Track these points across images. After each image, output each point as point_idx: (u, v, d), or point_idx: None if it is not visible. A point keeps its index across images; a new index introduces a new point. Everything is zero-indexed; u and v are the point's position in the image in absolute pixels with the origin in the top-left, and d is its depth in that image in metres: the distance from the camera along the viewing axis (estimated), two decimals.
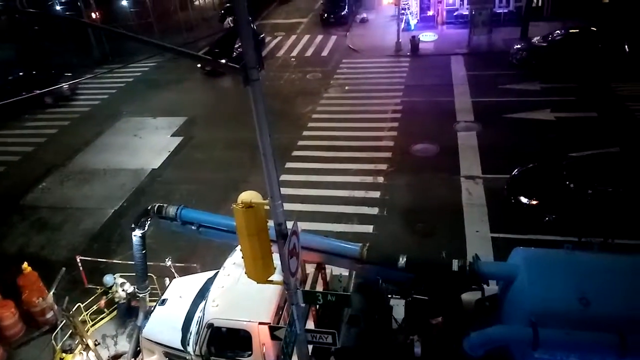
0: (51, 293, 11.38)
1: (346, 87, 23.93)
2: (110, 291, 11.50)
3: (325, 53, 29.07)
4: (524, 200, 13.38)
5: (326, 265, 9.65)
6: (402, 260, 8.44)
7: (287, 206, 6.26)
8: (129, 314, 11.36)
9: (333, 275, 10.32)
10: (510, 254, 8.26)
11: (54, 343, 10.96)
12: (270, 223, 6.22)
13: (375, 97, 22.26)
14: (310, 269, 9.63)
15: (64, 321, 10.84)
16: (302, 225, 10.00)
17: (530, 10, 26.54)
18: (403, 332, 8.78)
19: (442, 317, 8.44)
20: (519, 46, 23.73)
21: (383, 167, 17.21)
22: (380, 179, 16.59)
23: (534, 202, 13.21)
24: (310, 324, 8.96)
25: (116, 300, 11.40)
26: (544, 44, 22.81)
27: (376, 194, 15.79)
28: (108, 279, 11.32)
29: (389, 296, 9.36)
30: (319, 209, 15.21)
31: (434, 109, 20.57)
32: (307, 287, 9.11)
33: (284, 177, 16.39)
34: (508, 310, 7.71)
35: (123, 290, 11.40)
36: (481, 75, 22.98)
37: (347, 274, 10.16)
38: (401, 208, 15.00)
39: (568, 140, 17.06)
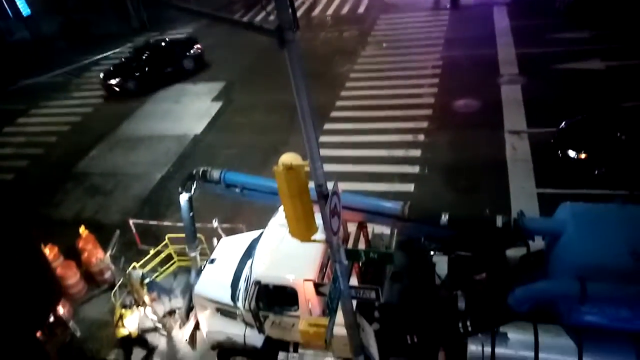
0: (108, 254, 11.83)
1: (384, 44, 23.37)
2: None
3: (361, 10, 28.34)
4: (572, 153, 12.96)
5: (368, 224, 9.68)
6: (445, 218, 8.38)
7: (327, 167, 6.28)
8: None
9: (375, 233, 10.37)
10: (556, 209, 8.07)
11: (113, 300, 11.59)
12: (311, 184, 6.24)
13: (414, 53, 21.70)
14: (352, 228, 9.70)
15: (121, 280, 11.43)
16: (343, 186, 10.02)
17: None
18: (446, 288, 8.81)
19: (486, 273, 8.41)
20: None
21: (424, 124, 16.94)
22: (421, 137, 16.37)
23: (583, 156, 12.79)
24: (353, 281, 9.07)
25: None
26: None
27: (417, 153, 15.64)
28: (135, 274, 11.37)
29: (432, 253, 9.37)
30: (359, 169, 15.23)
31: (476, 62, 19.90)
32: (350, 246, 9.18)
33: (323, 139, 16.39)
34: (555, 266, 7.58)
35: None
36: (525, 25, 21.92)
37: (389, 232, 10.17)
38: (443, 166, 14.82)
39: (619, 90, 16.20)
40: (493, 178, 13.77)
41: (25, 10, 33.38)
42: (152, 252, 12.57)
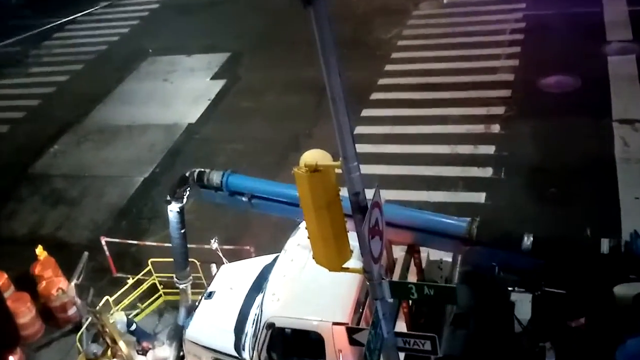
0: (73, 284, 12.03)
1: (445, 0, 23.22)
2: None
3: None
4: None
5: (421, 248, 9.70)
6: (528, 240, 8.30)
7: (366, 169, 6.25)
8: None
9: (431, 260, 10.37)
10: None
11: (79, 346, 11.60)
12: (344, 192, 6.26)
13: (486, 12, 21.58)
14: (399, 252, 9.72)
15: (90, 319, 11.47)
16: (388, 195, 10.17)
17: None
18: (530, 338, 8.75)
19: (585, 318, 8.33)
20: None
21: (499, 110, 16.84)
22: (496, 128, 16.28)
23: None
24: (401, 326, 9.07)
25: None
26: None
27: (490, 149, 15.55)
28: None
29: (509, 289, 9.32)
30: (409, 171, 15.21)
31: (572, 24, 19.63)
32: (396, 277, 9.22)
33: (360, 130, 16.40)
34: None
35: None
36: None
37: (449, 259, 10.16)
38: (525, 167, 14.70)
39: None
40: (595, 185, 13.61)
41: None
42: (130, 282, 12.66)
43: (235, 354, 9.85)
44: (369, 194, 6.38)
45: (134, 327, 11.66)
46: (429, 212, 9.32)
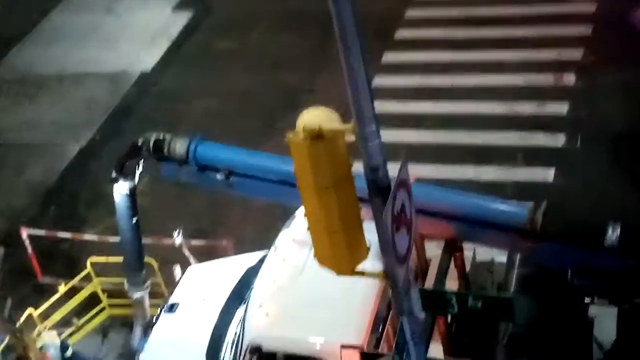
0: None
1: None
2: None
3: None
4: None
5: (465, 245, 9.68)
6: (613, 233, 8.26)
7: (389, 135, 6.38)
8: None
9: (478, 262, 10.41)
10: None
11: None
12: (359, 167, 6.21)
13: None
14: (434, 250, 9.72)
15: (6, 340, 11.55)
16: (419, 171, 10.05)
17: None
18: None
19: None
20: None
21: (576, 54, 16.89)
22: (570, 78, 16.31)
23: None
24: (436, 350, 9.07)
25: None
26: None
27: (561, 108, 15.62)
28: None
29: (587, 300, 9.31)
30: (447, 138, 15.27)
31: None
32: (430, 284, 9.22)
33: (380, 81, 16.37)
34: None
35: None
36: None
37: (504, 259, 10.17)
38: (610, 133, 14.68)
39: None
40: None
41: None
42: (61, 289, 12.72)
43: None
44: (393, 169, 6.30)
45: (69, 352, 11.65)
46: (476, 195, 9.25)
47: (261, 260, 10.56)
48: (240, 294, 10.66)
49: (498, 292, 9.79)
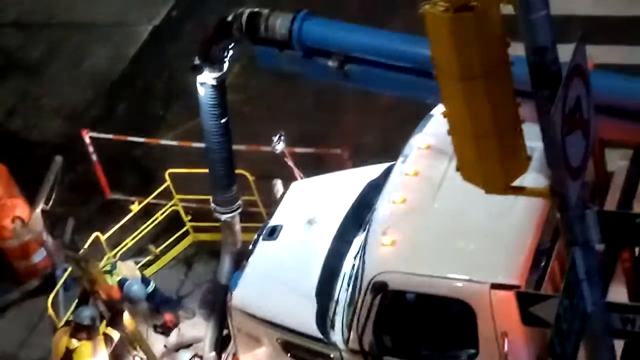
0: (39, 210, 12.16)
1: None
2: None
3: None
4: None
5: None
6: None
7: (559, 5, 6.15)
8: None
9: None
10: None
11: (52, 315, 11.82)
12: (518, 49, 5.85)
13: None
14: (616, 162, 9.32)
15: (69, 270, 11.68)
16: (602, 54, 9.46)
17: None
18: None
19: None
20: None
21: None
22: None
23: None
24: (619, 292, 8.55)
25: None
26: None
27: None
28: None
29: None
30: (638, 10, 14.23)
31: None
32: (613, 205, 8.76)
33: None
34: None
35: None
36: None
37: None
38: None
39: None
40: None
41: None
42: (134, 208, 12.69)
43: (319, 335, 9.71)
44: (566, 52, 5.84)
45: (151, 287, 11.66)
46: None
47: (385, 174, 10.26)
48: (358, 216, 10.37)
49: None
